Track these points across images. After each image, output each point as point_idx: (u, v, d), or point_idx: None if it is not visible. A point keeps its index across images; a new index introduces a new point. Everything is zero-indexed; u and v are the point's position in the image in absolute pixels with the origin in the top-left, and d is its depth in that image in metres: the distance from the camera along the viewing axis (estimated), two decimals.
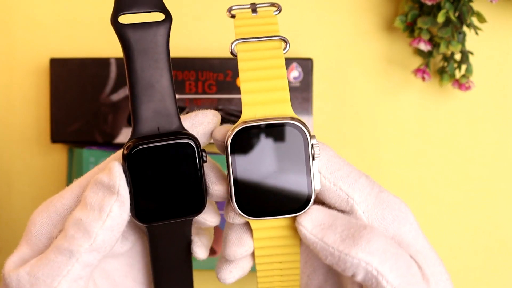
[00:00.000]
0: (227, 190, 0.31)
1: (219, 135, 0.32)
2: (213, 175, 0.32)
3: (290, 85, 0.52)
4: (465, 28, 0.52)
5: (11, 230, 0.57)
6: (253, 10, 0.33)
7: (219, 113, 0.33)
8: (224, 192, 0.31)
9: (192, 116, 0.32)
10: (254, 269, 0.34)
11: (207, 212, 0.33)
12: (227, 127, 0.32)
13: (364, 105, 0.55)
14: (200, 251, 0.34)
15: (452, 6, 0.49)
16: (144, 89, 0.31)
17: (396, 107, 0.55)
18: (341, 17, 0.55)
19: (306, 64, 0.52)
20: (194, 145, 0.30)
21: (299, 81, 0.52)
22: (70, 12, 0.55)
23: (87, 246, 0.29)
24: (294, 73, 0.52)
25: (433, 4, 0.50)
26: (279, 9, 0.34)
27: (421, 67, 0.52)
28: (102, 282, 0.33)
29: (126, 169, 0.30)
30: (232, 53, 0.32)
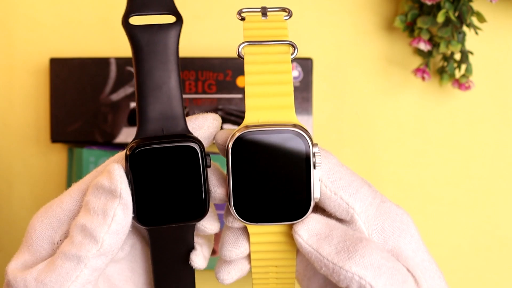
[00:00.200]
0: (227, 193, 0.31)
1: (221, 139, 0.31)
2: (215, 178, 0.32)
3: None
4: (465, 28, 0.51)
5: (11, 230, 0.57)
6: (263, 14, 0.33)
7: (219, 115, 0.33)
8: (226, 196, 0.31)
9: (192, 119, 0.32)
10: None
11: (207, 219, 0.33)
12: (229, 131, 0.31)
13: (364, 105, 0.55)
14: (199, 260, 0.33)
15: (452, 6, 0.49)
16: (152, 90, 0.31)
17: (396, 107, 0.55)
18: (341, 17, 0.55)
19: (306, 64, 0.52)
20: (198, 149, 0.30)
21: (299, 81, 0.52)
22: (70, 12, 0.55)
23: (95, 251, 0.29)
24: (294, 73, 0.52)
25: (433, 4, 0.50)
26: (289, 14, 0.33)
27: (421, 67, 0.52)
28: (103, 286, 0.33)
29: (128, 170, 0.30)
30: (239, 55, 0.31)
